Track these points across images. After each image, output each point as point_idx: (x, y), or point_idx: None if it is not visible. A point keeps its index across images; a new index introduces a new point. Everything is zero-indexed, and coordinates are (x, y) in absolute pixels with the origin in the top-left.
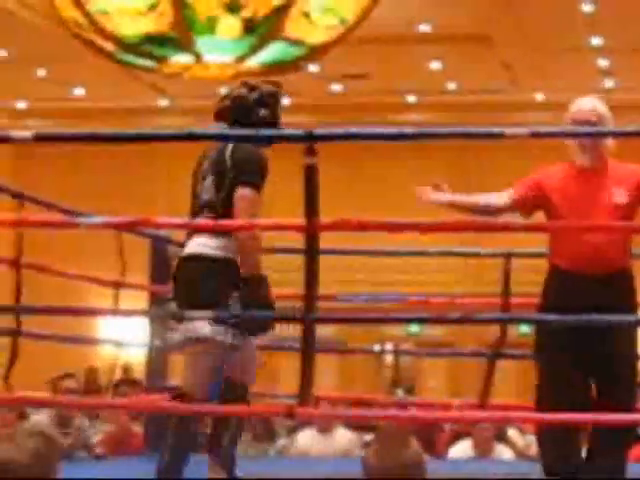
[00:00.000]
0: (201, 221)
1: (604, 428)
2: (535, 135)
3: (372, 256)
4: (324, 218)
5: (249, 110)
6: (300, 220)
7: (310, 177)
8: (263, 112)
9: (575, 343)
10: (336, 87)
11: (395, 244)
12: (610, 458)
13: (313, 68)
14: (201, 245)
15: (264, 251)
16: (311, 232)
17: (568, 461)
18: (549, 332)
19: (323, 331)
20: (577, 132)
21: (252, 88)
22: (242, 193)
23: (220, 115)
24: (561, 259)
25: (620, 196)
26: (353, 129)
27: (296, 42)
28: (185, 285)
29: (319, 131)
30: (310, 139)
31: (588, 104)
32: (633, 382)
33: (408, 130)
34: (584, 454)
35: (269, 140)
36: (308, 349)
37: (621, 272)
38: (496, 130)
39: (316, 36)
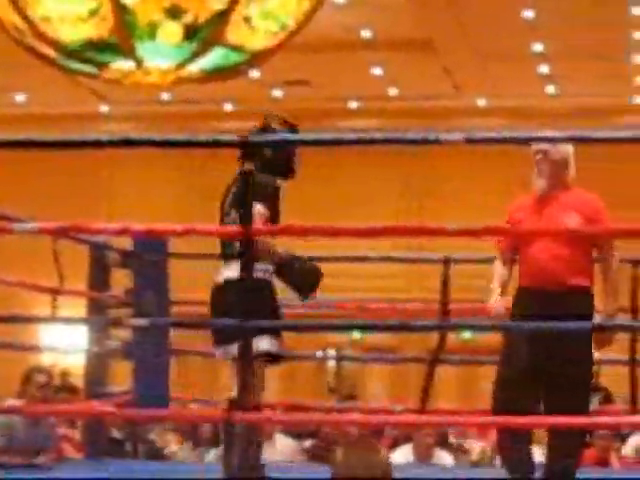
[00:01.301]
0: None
1: (556, 434)
2: (470, 141)
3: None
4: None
5: (257, 148)
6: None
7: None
8: (267, 153)
9: (528, 354)
10: (277, 93)
11: (340, 250)
12: (560, 462)
13: (254, 74)
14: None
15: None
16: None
17: (524, 463)
18: (506, 343)
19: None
20: (512, 138)
21: (264, 129)
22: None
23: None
24: (521, 277)
25: (572, 221)
26: (288, 135)
27: (237, 48)
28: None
29: (254, 138)
30: (244, 145)
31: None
32: (582, 390)
33: (345, 136)
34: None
35: (203, 146)
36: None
37: (572, 289)
38: (431, 136)
39: (257, 42)
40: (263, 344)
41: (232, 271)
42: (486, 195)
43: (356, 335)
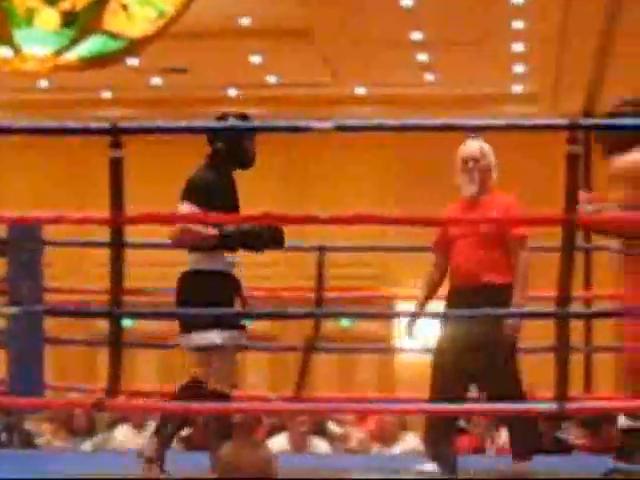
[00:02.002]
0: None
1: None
2: (340, 128)
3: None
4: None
5: (213, 139)
6: (106, 213)
7: (115, 170)
8: (219, 144)
9: (450, 348)
10: (156, 80)
11: None
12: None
13: (132, 61)
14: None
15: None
16: (116, 225)
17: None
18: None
19: (149, 327)
20: (383, 126)
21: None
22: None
23: None
24: (449, 278)
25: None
26: (159, 122)
27: (115, 35)
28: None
29: (124, 125)
30: (115, 132)
31: (475, 144)
32: (506, 376)
33: (213, 124)
34: None
35: (74, 134)
36: (116, 343)
37: (486, 285)
38: (302, 124)
39: (135, 29)
40: (210, 336)
41: (191, 262)
42: (359, 183)
43: None
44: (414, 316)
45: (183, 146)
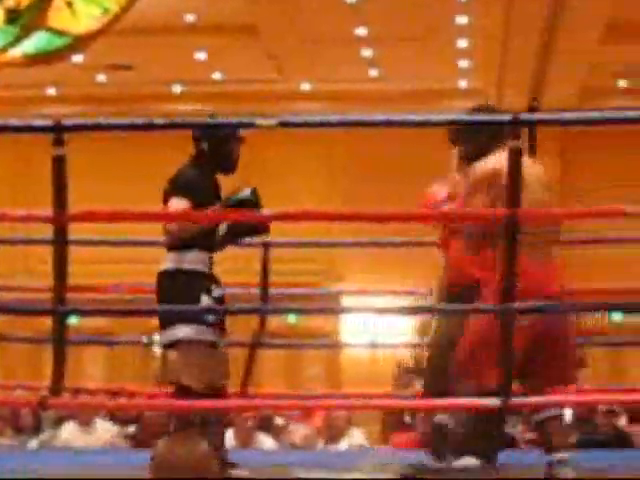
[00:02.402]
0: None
1: None
2: (284, 124)
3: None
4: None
5: (198, 141)
6: (48, 211)
7: (58, 168)
8: (204, 146)
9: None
10: (101, 77)
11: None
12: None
13: (77, 58)
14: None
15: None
16: (59, 223)
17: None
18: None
19: (94, 323)
20: (326, 121)
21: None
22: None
23: None
24: None
25: None
26: (101, 120)
27: (60, 32)
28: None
29: (67, 122)
30: (58, 130)
31: None
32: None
33: (158, 120)
34: None
35: (15, 131)
36: (60, 340)
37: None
38: (246, 120)
39: (80, 26)
40: (178, 332)
41: (166, 261)
42: (308, 179)
43: None
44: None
45: (129, 143)
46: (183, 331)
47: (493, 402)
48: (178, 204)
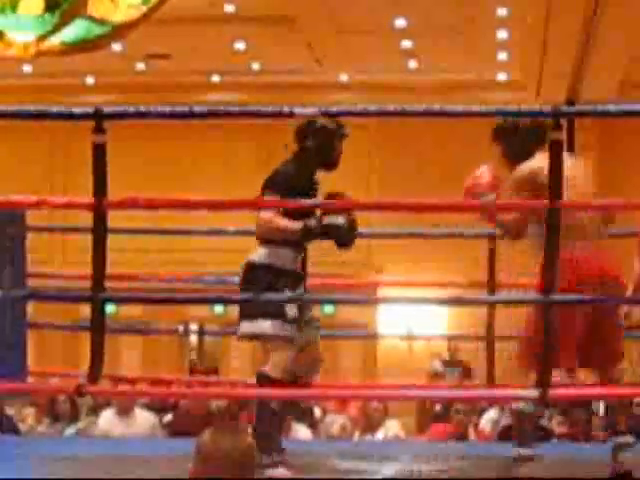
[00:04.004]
0: None
1: None
2: (325, 114)
3: (168, 235)
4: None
5: (303, 137)
6: (90, 199)
7: (99, 156)
8: (309, 143)
9: None
10: (140, 66)
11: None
12: None
13: (117, 47)
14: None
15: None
16: (100, 211)
17: None
18: None
19: (129, 312)
20: (366, 111)
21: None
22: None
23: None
24: None
25: None
26: (142, 107)
27: (99, 21)
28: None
29: (107, 109)
30: (98, 117)
31: None
32: None
33: (197, 109)
34: None
35: (56, 118)
36: (98, 328)
37: None
38: (286, 109)
39: (119, 15)
40: (262, 326)
41: (254, 254)
42: (342, 165)
43: (218, 309)
44: None
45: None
46: (265, 325)
47: (532, 393)
48: (269, 200)
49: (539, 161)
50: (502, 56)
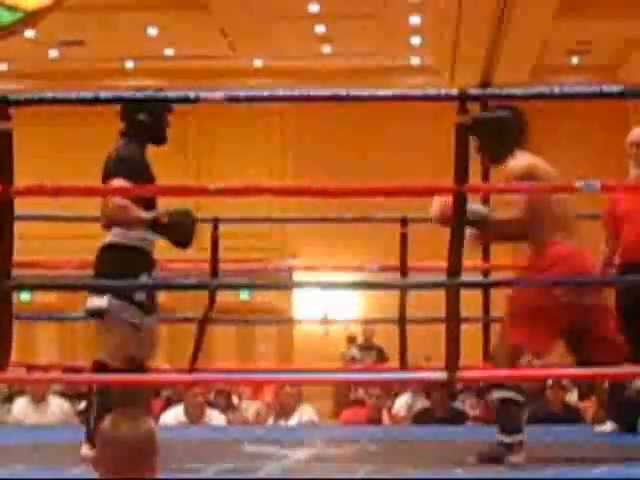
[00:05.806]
0: None
1: None
2: (230, 99)
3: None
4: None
5: (132, 113)
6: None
7: (4, 142)
8: (142, 116)
9: None
10: (53, 53)
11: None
12: None
13: (29, 34)
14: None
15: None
16: (5, 198)
17: None
18: None
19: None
20: (273, 96)
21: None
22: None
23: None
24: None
25: None
26: (48, 94)
27: (11, 7)
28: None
29: (13, 96)
30: (3, 104)
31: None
32: None
33: (103, 95)
34: None
35: None
36: (4, 315)
37: None
38: (192, 94)
39: (31, 2)
40: (103, 301)
41: (108, 236)
42: (265, 155)
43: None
44: None
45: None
46: (107, 301)
47: (440, 376)
48: (119, 184)
49: (530, 157)
50: (415, 40)
